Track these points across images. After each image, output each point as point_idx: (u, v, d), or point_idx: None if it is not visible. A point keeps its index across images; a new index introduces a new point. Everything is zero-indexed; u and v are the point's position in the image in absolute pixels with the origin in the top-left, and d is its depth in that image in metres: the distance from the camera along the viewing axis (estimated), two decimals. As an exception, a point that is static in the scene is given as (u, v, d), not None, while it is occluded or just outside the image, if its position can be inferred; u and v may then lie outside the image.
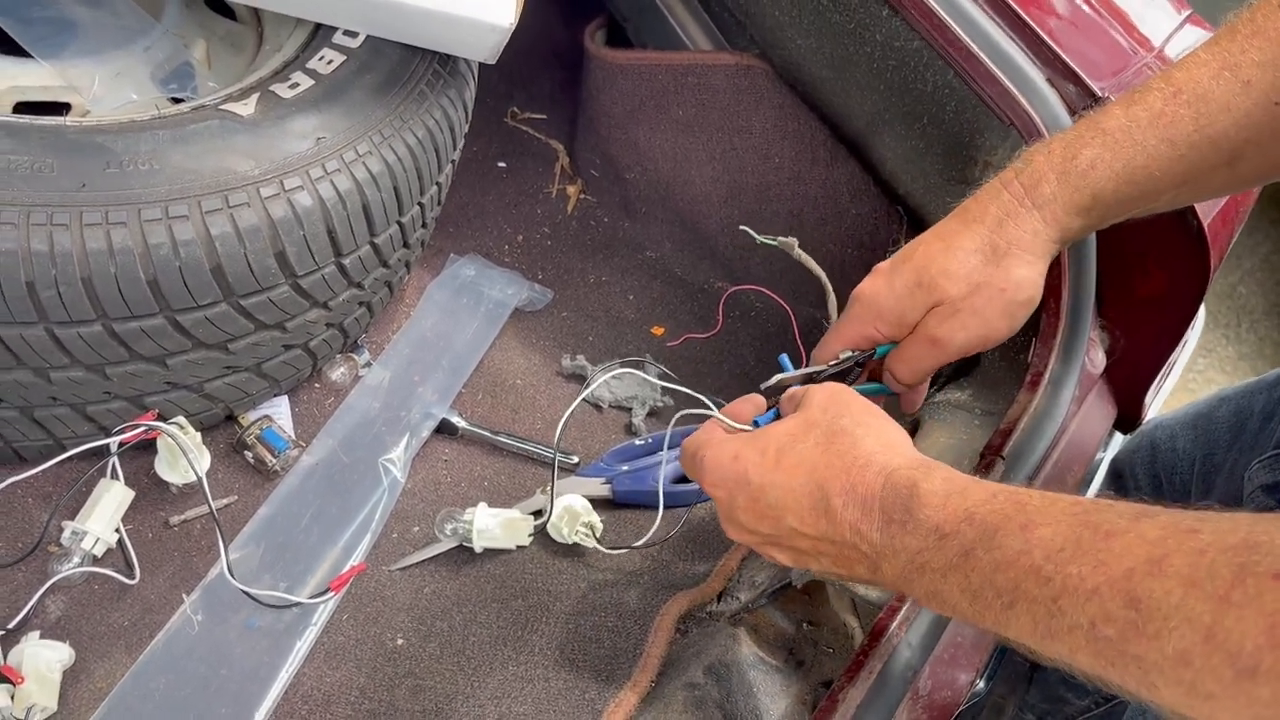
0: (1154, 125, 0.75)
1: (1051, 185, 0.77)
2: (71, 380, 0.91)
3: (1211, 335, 3.06)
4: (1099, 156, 0.76)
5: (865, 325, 0.83)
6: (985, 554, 0.56)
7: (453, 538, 1.05)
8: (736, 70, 1.38)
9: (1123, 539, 0.50)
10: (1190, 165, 0.75)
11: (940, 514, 0.60)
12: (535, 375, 1.30)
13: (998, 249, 0.78)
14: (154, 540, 1.03)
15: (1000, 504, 0.57)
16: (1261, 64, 0.72)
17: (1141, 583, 0.47)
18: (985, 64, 1.01)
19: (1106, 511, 0.53)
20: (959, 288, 0.79)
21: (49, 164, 0.83)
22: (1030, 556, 0.53)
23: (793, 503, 0.68)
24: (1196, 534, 0.47)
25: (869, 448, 0.67)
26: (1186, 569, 0.46)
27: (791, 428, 0.70)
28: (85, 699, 0.91)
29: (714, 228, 1.48)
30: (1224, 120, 0.73)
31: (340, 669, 0.96)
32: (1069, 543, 0.52)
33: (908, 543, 0.61)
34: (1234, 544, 0.45)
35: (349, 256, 0.99)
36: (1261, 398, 0.92)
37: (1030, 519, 0.55)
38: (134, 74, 1.05)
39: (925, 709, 0.78)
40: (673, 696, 0.84)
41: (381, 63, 1.02)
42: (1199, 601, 0.45)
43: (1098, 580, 0.49)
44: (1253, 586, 0.43)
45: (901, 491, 0.63)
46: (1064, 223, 0.78)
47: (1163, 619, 0.46)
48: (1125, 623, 0.48)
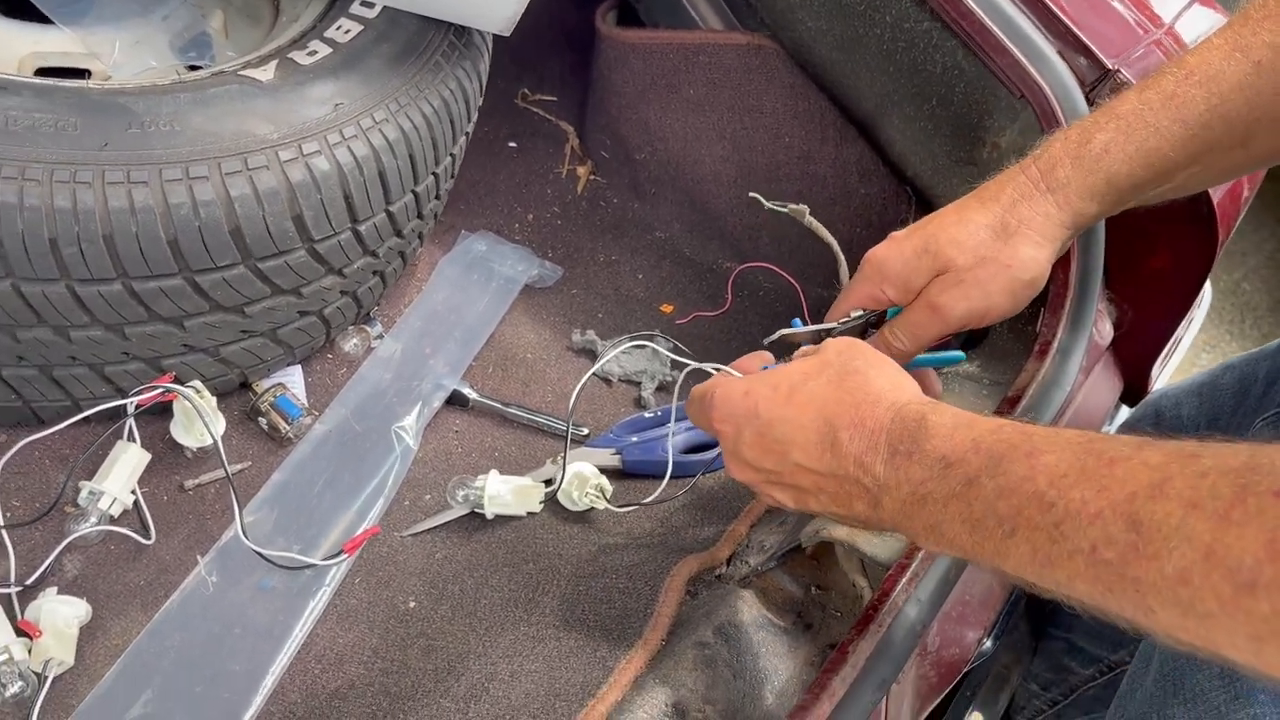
0: (1166, 106, 0.76)
1: (1066, 169, 0.79)
2: (91, 339, 0.92)
3: (1216, 331, 3.06)
4: (1112, 140, 0.77)
5: (873, 286, 0.85)
6: (989, 480, 0.57)
7: (464, 504, 1.06)
8: (747, 50, 1.39)
9: (1126, 465, 0.50)
10: (1203, 144, 0.76)
11: (947, 444, 0.61)
12: (545, 349, 1.31)
13: (1008, 226, 0.80)
14: (169, 503, 1.04)
15: (1007, 434, 0.58)
16: (1273, 45, 0.73)
17: (1144, 505, 0.48)
18: (997, 35, 1.02)
19: (1111, 441, 0.53)
20: (965, 258, 0.80)
21: (72, 123, 0.84)
22: (1034, 482, 0.54)
23: (800, 437, 0.69)
24: (1198, 458, 0.48)
25: (880, 386, 0.68)
26: (1188, 491, 0.47)
27: (805, 366, 0.72)
28: (101, 655, 0.92)
29: (723, 207, 1.49)
30: (1236, 99, 0.74)
31: (353, 630, 0.97)
32: (1073, 469, 0.53)
33: (912, 473, 0.62)
34: (1235, 466, 0.46)
35: (365, 223, 1.00)
36: (1266, 364, 0.93)
37: (1036, 446, 0.56)
38: (153, 42, 1.06)
39: (933, 665, 0.79)
40: (683, 654, 0.85)
41: (398, 33, 1.03)
42: (1199, 521, 0.45)
43: (1100, 504, 0.50)
44: (1254, 504, 0.44)
45: (910, 424, 0.64)
46: (1077, 207, 0.79)
47: (1163, 540, 0.46)
48: (1126, 545, 0.48)
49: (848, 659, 0.73)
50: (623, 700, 0.82)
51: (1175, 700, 0.73)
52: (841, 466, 0.67)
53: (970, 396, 1.00)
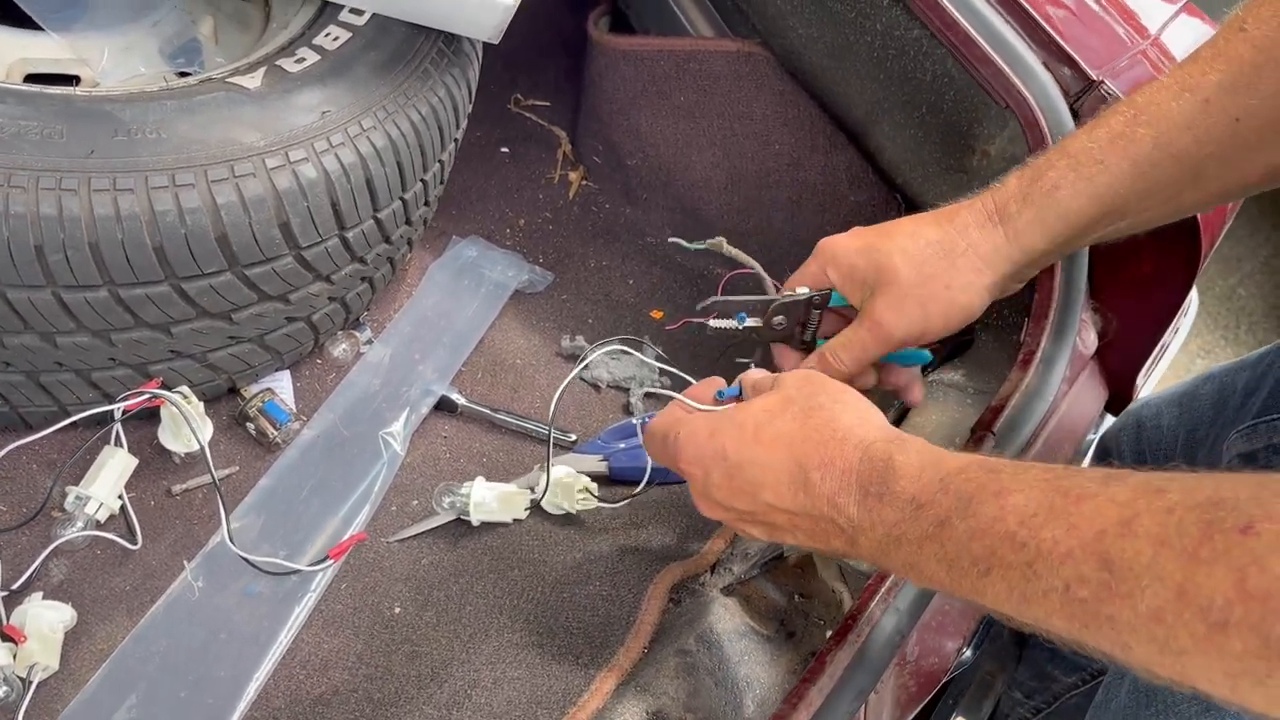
0: (1114, 145, 0.77)
1: (1018, 203, 0.80)
2: (77, 345, 0.92)
3: (1210, 337, 3.07)
4: (1062, 177, 0.78)
5: (819, 267, 0.86)
6: (960, 522, 0.57)
7: (450, 510, 1.07)
8: (738, 57, 1.39)
9: (1093, 502, 0.51)
10: (1152, 182, 0.77)
11: (916, 485, 0.61)
12: (534, 355, 1.32)
13: (956, 248, 0.81)
14: (156, 508, 1.05)
15: (974, 473, 0.59)
16: (1221, 84, 0.74)
17: (1113, 544, 0.49)
18: (982, 47, 1.03)
19: (1077, 476, 0.54)
20: (909, 271, 0.81)
21: (58, 130, 0.84)
22: (1004, 523, 0.55)
23: (770, 478, 0.69)
24: (1164, 494, 0.48)
25: (846, 422, 0.68)
26: (1156, 528, 0.47)
27: (768, 404, 0.71)
28: (86, 659, 0.92)
29: (714, 213, 1.49)
30: (1184, 138, 0.75)
31: (338, 635, 0.98)
32: (1042, 508, 0.53)
33: (885, 515, 0.63)
34: (1200, 501, 0.46)
35: (352, 230, 1.01)
36: (1245, 374, 0.94)
37: (1004, 486, 0.56)
38: (142, 48, 1.07)
39: (912, 674, 0.79)
40: (664, 662, 0.86)
41: (387, 40, 1.03)
42: (1169, 560, 0.46)
43: (1071, 543, 0.51)
44: (1220, 542, 0.44)
45: (878, 464, 0.64)
46: (1025, 242, 0.80)
47: (1135, 578, 0.47)
48: (1099, 584, 0.49)
49: (825, 669, 0.74)
50: (604, 708, 0.82)
51: (1148, 712, 0.74)
52: (815, 506, 0.67)
53: (954, 405, 1.01)
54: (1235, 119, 0.73)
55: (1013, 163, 1.14)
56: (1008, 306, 1.06)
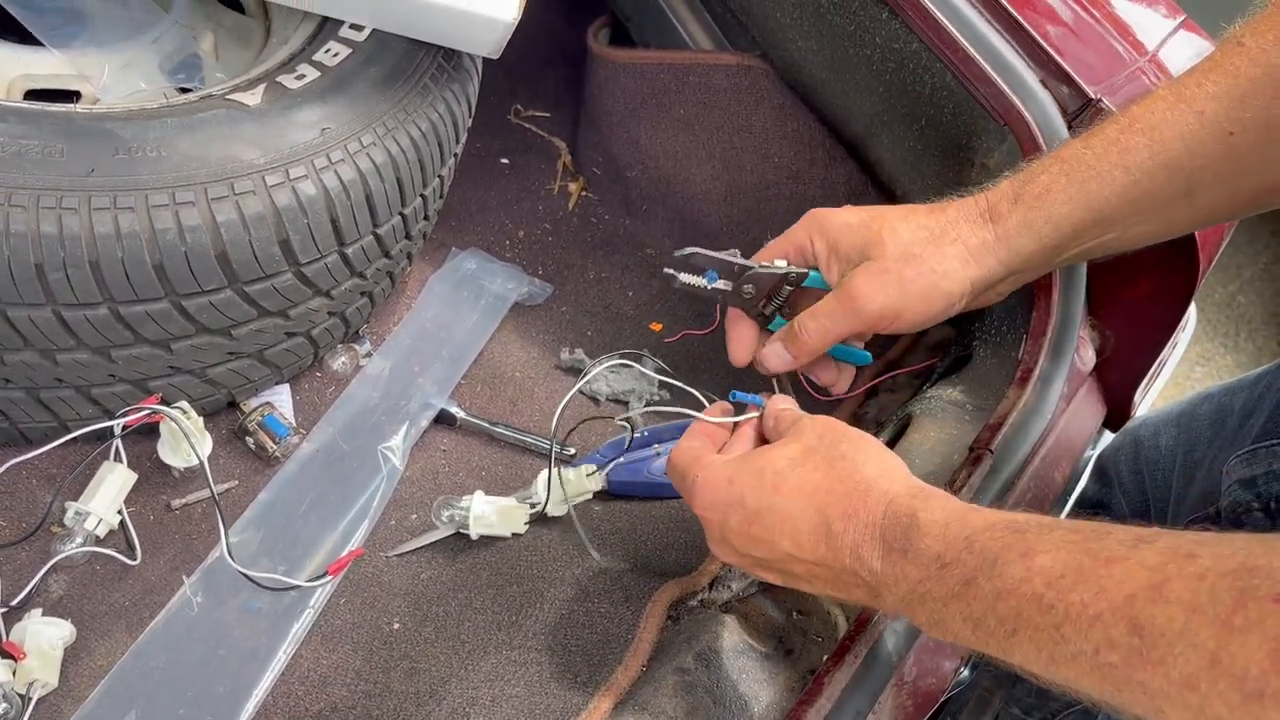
0: (1108, 152, 0.77)
1: (1009, 204, 0.80)
2: (77, 362, 0.92)
3: (1210, 345, 3.07)
4: (1054, 181, 0.78)
5: (805, 236, 0.85)
6: (986, 582, 0.57)
7: (449, 525, 1.07)
8: (737, 70, 1.40)
9: (1123, 565, 0.51)
10: (1144, 191, 0.76)
11: (940, 543, 0.61)
12: (534, 368, 1.32)
13: (945, 235, 0.81)
14: (155, 522, 1.05)
15: (999, 533, 0.58)
16: (1217, 96, 0.74)
17: (1144, 609, 0.48)
18: (981, 66, 1.03)
19: (1105, 538, 0.53)
20: (896, 248, 0.80)
21: (59, 149, 0.84)
22: (1031, 584, 0.54)
23: (790, 528, 0.68)
24: (1195, 559, 0.48)
25: (869, 473, 0.67)
26: (1188, 594, 0.47)
27: (789, 452, 0.71)
28: (86, 676, 0.93)
29: (713, 226, 1.50)
30: (1177, 147, 0.75)
31: (337, 651, 0.98)
32: (1069, 570, 0.53)
33: (909, 572, 0.62)
34: (1233, 568, 0.46)
35: (352, 246, 1.01)
36: (1243, 395, 0.94)
37: (1030, 546, 0.56)
38: (143, 64, 1.07)
39: (910, 695, 0.79)
40: (663, 681, 0.86)
41: (386, 56, 1.04)
42: (1202, 627, 0.46)
43: (1100, 607, 0.50)
44: (1254, 611, 0.44)
45: (902, 520, 0.63)
46: (1014, 243, 0.80)
47: (1167, 645, 0.47)
48: (1129, 649, 0.48)
49: (823, 690, 0.74)
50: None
51: None
52: (837, 558, 0.66)
53: (952, 423, 1.01)
54: (1229, 132, 0.73)
55: (1012, 177, 1.15)
56: (1005, 323, 1.06)
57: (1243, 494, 0.81)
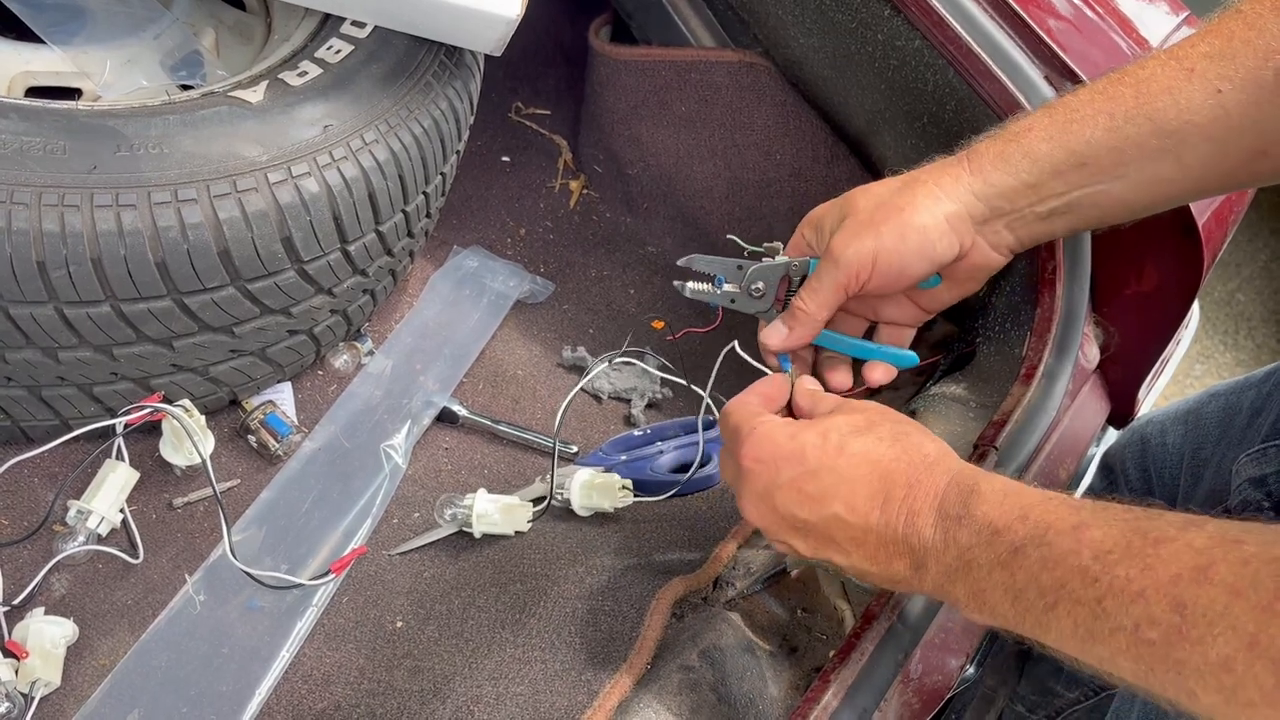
0: (1094, 99, 0.77)
1: (984, 142, 0.80)
2: (79, 360, 0.92)
3: (1210, 342, 3.07)
4: (1035, 121, 0.79)
5: (799, 233, 0.87)
6: (1034, 550, 0.57)
7: (452, 523, 1.07)
8: (739, 67, 1.39)
9: (1171, 546, 0.51)
10: (1127, 139, 0.76)
11: (996, 510, 0.61)
12: (536, 366, 1.31)
13: (915, 181, 0.81)
14: (157, 521, 1.04)
15: (1055, 505, 0.59)
16: (1208, 55, 0.74)
17: (1187, 589, 0.49)
18: (984, 61, 1.03)
19: (1157, 520, 0.54)
20: (867, 202, 0.81)
21: (61, 146, 0.84)
22: (1079, 556, 0.55)
23: (847, 491, 0.68)
24: (1242, 544, 0.49)
25: (934, 450, 0.68)
26: (1232, 578, 0.48)
27: (854, 421, 0.71)
28: (88, 675, 0.92)
29: (715, 224, 1.49)
30: (1164, 100, 0.75)
31: (340, 650, 0.97)
32: (1118, 546, 0.53)
33: (960, 537, 0.62)
34: (1278, 555, 0.47)
35: (354, 243, 1.00)
36: (1250, 394, 0.94)
37: (1083, 520, 0.56)
38: (144, 61, 1.06)
39: (916, 692, 0.79)
40: (668, 679, 0.85)
41: (389, 53, 1.03)
42: (1243, 610, 0.46)
43: (1144, 583, 0.51)
44: None
45: (964, 489, 0.64)
46: (989, 176, 0.79)
47: (1207, 625, 0.47)
48: (1169, 627, 0.49)
49: (829, 687, 0.73)
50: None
51: None
52: (889, 525, 0.66)
53: (957, 419, 1.01)
54: (1218, 89, 0.73)
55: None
56: (1009, 320, 1.06)
57: (1253, 493, 0.80)
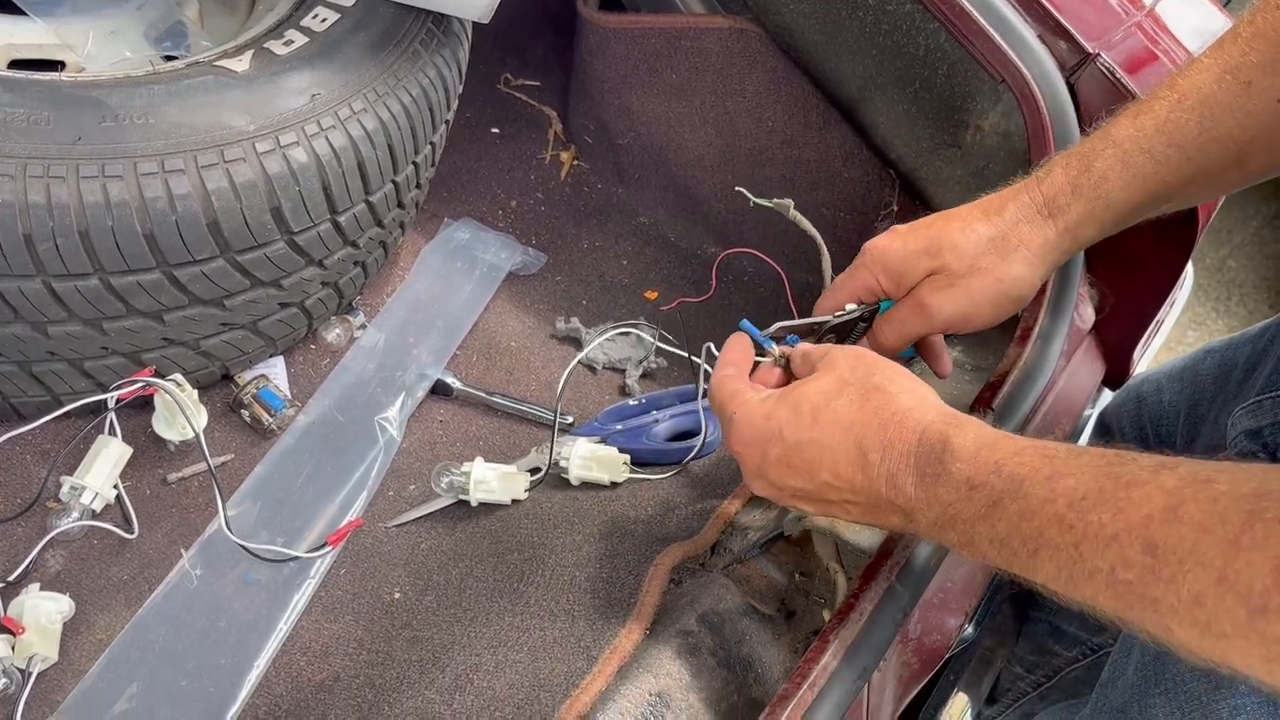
0: (1160, 133, 0.77)
1: (1067, 196, 0.80)
2: (69, 335, 0.91)
3: (1201, 309, 3.07)
4: (1110, 168, 0.79)
5: (869, 277, 0.85)
6: (1012, 503, 0.58)
7: (449, 491, 1.06)
8: (729, 34, 1.38)
9: (1142, 489, 0.52)
10: (1198, 168, 0.77)
11: (971, 467, 0.62)
12: (529, 338, 1.31)
13: (1009, 242, 0.81)
14: (152, 496, 1.04)
15: (1028, 457, 0.59)
16: (1262, 65, 0.74)
17: (1158, 529, 0.49)
18: (977, 21, 1.02)
19: (1129, 464, 0.55)
20: (961, 264, 0.81)
21: (45, 117, 0.83)
22: (1054, 505, 0.55)
23: (829, 460, 0.69)
24: (1212, 483, 0.49)
25: (904, 403, 0.68)
26: (1200, 516, 0.48)
27: (824, 386, 0.71)
28: (86, 650, 0.92)
29: (707, 192, 1.49)
30: (1228, 122, 0.75)
31: (338, 621, 0.97)
32: (1091, 492, 0.54)
33: (941, 494, 0.63)
34: (1246, 492, 0.47)
35: (344, 214, 1.00)
36: (1246, 349, 0.94)
37: (1056, 470, 0.57)
38: (127, 32, 1.05)
39: (915, 652, 0.79)
40: (666, 643, 0.85)
41: (375, 21, 1.02)
42: (1211, 546, 0.47)
43: (1117, 527, 0.52)
44: (1260, 531, 0.45)
45: (935, 445, 0.64)
46: (1076, 234, 0.81)
47: (1177, 563, 0.48)
48: (1143, 567, 0.50)
49: (829, 647, 0.74)
50: (606, 690, 0.82)
51: (1156, 690, 0.74)
52: (873, 487, 0.67)
53: (953, 382, 1.01)
54: (1276, 99, 0.74)
55: (1006, 138, 1.14)
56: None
57: (1249, 445, 0.81)
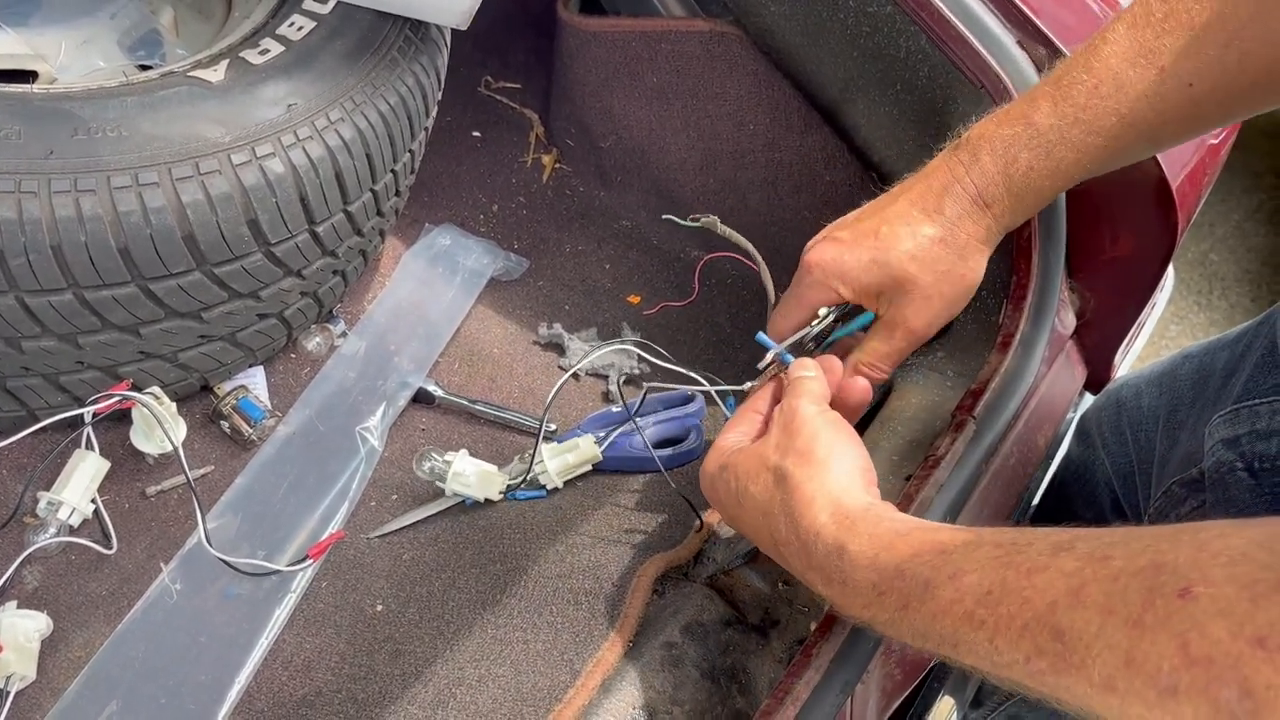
0: (1080, 122, 0.79)
1: (998, 188, 0.82)
2: (44, 350, 0.90)
3: (1183, 303, 3.09)
4: (1035, 159, 0.81)
5: (827, 291, 0.86)
6: (921, 606, 0.59)
7: (429, 476, 1.05)
8: (710, 37, 1.38)
9: (1044, 574, 0.52)
10: (1115, 151, 0.80)
11: (873, 574, 0.64)
12: (512, 344, 1.30)
13: (959, 241, 0.83)
14: (131, 510, 1.03)
15: (927, 557, 0.60)
16: (1175, 51, 0.75)
17: (1064, 614, 0.49)
18: (956, 26, 1.02)
19: (1027, 549, 0.55)
20: (926, 276, 0.83)
21: (15, 130, 0.82)
22: (963, 604, 0.56)
23: (756, 537, 0.75)
24: (1109, 560, 0.49)
25: (804, 495, 0.70)
26: (1102, 597, 0.48)
27: (749, 464, 0.76)
28: (64, 668, 0.91)
29: (689, 196, 1.48)
30: (1142, 106, 0.77)
31: (320, 635, 0.97)
32: (996, 585, 0.55)
33: (852, 600, 0.66)
34: (1143, 566, 0.47)
35: (322, 224, 0.99)
36: (1224, 354, 0.94)
37: (957, 568, 0.58)
38: (101, 41, 1.04)
39: (898, 663, 0.79)
40: (650, 655, 0.85)
41: (352, 29, 1.01)
42: (1115, 628, 0.46)
43: (1026, 617, 0.52)
44: (1161, 608, 0.44)
45: (832, 554, 0.67)
46: (1008, 221, 0.84)
47: (1084, 648, 0.48)
48: (1054, 655, 0.50)
49: (811, 662, 0.73)
50: (590, 704, 0.82)
51: None
52: (795, 573, 0.72)
53: (934, 389, 1.00)
54: (1189, 84, 0.75)
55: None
56: (985, 288, 1.05)
57: (1226, 454, 0.81)
